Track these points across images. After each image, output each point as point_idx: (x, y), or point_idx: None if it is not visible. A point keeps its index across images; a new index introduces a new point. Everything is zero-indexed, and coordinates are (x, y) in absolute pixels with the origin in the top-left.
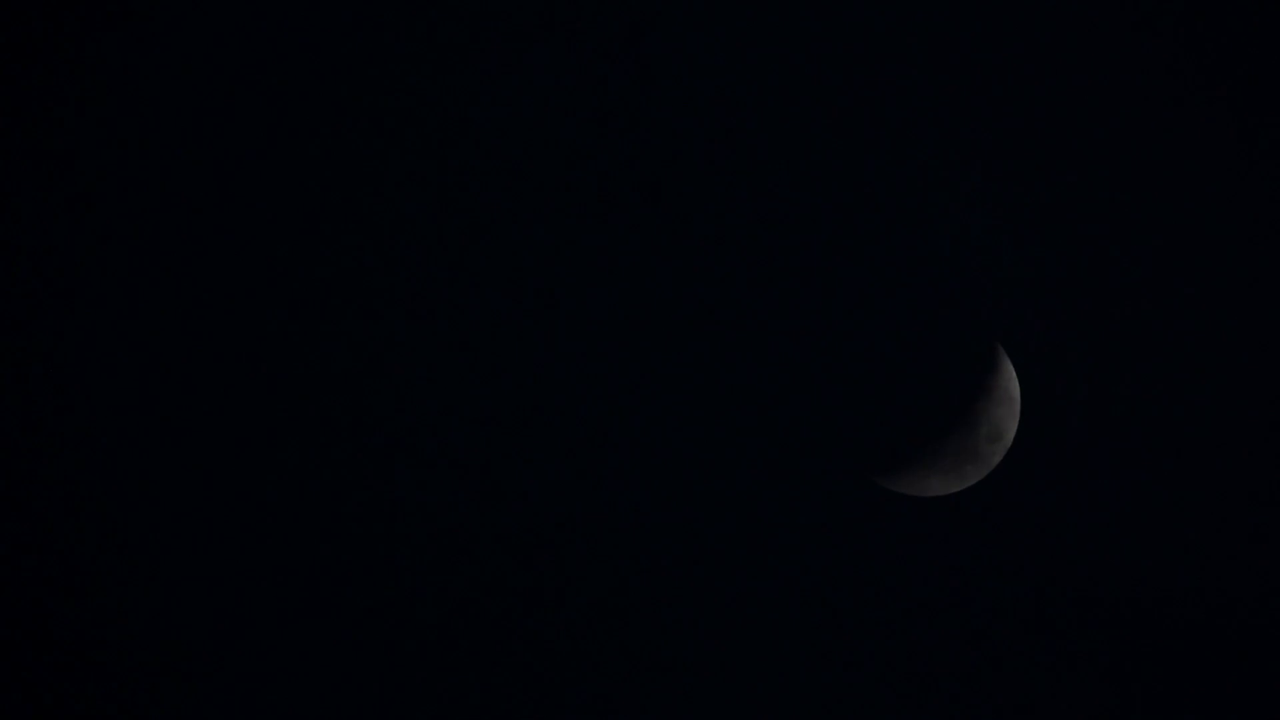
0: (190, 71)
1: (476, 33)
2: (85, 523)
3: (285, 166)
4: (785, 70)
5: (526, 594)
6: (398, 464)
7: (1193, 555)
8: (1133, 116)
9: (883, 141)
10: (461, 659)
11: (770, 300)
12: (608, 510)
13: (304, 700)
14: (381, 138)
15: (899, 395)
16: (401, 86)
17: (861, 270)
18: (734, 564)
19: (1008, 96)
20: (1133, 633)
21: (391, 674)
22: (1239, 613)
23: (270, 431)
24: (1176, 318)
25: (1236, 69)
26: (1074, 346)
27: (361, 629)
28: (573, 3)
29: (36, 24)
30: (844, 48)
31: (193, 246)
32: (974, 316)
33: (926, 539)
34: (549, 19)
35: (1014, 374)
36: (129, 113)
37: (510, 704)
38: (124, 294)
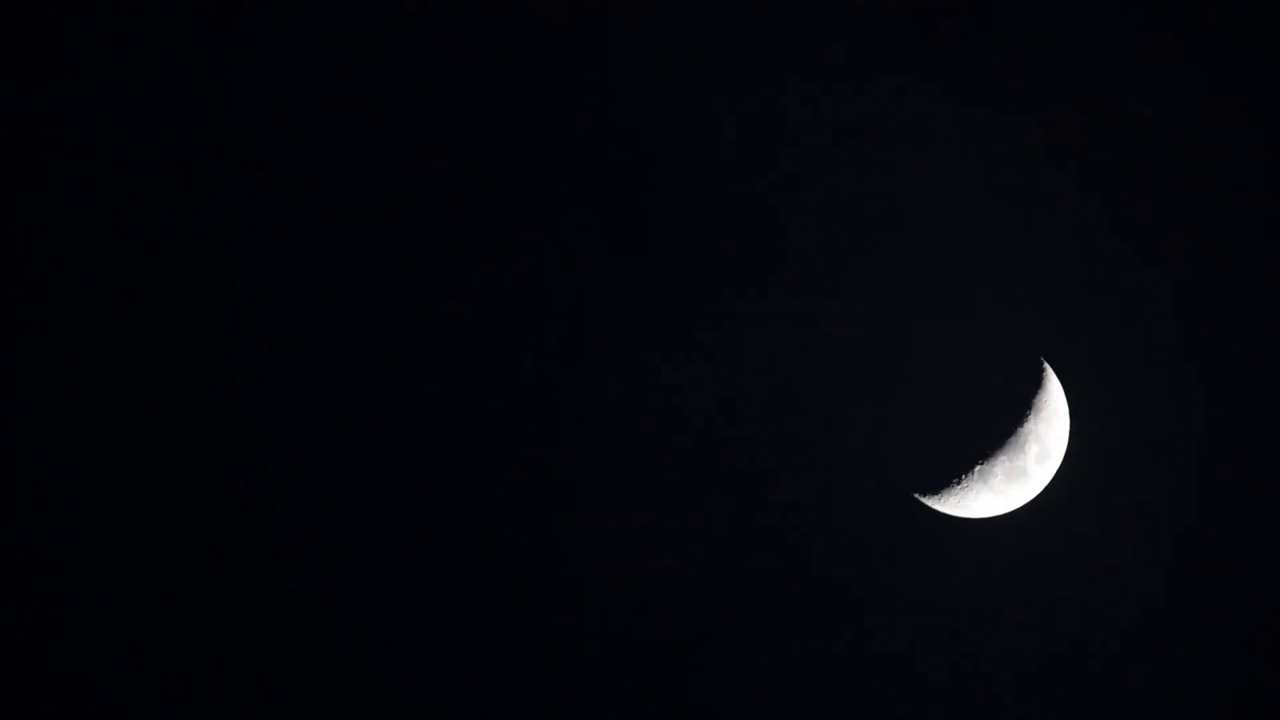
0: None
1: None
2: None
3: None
4: (824, 86)
5: (568, 605)
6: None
7: (1247, 576)
8: (1183, 128)
9: (927, 157)
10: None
11: (816, 318)
12: (640, 525)
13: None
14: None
15: (946, 415)
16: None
17: (908, 288)
18: (778, 581)
19: (1052, 108)
20: (1184, 654)
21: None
22: None
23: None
24: (1228, 334)
25: None
26: (1124, 364)
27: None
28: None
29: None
30: (881, 56)
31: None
32: (1022, 334)
33: (974, 561)
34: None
35: (1063, 392)
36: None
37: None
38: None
